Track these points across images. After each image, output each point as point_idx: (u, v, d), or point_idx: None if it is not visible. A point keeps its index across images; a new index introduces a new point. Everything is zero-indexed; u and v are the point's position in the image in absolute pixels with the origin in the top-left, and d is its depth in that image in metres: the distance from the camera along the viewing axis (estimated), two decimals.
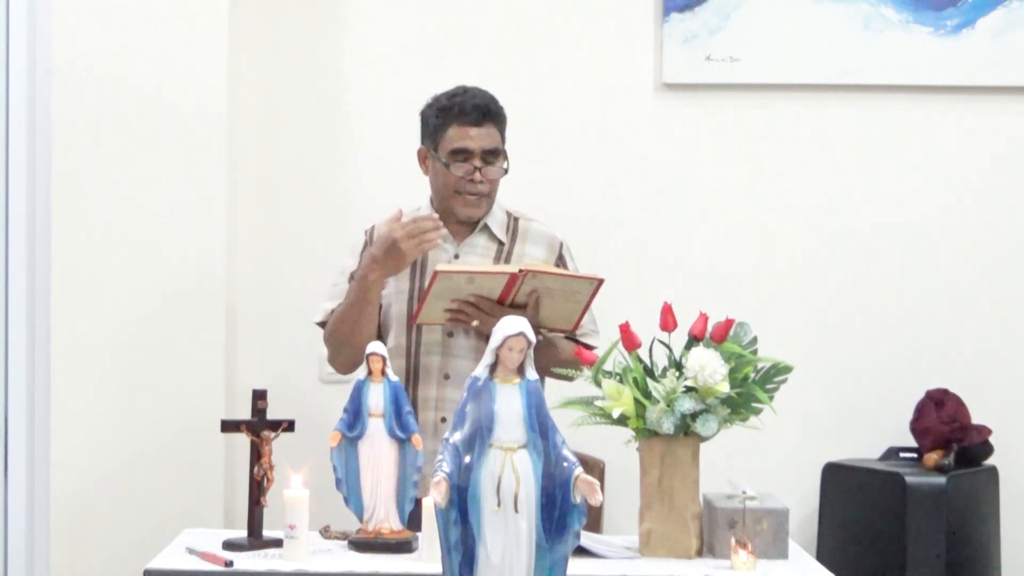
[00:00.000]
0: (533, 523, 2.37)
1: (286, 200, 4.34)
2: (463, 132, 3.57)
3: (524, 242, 3.66)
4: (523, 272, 3.40)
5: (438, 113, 3.60)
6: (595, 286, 3.45)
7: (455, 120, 3.57)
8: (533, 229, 3.69)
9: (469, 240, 3.65)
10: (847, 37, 4.32)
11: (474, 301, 3.43)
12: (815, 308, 4.37)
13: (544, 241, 3.68)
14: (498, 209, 3.68)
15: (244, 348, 4.29)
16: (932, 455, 4.12)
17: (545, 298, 3.45)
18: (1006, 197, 4.39)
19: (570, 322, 3.51)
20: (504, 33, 4.37)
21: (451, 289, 3.41)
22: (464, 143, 3.56)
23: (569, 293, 3.45)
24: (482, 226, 3.64)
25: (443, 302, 3.44)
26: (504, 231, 3.66)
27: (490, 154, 3.58)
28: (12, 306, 4.15)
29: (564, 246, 3.70)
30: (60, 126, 4.09)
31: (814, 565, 3.08)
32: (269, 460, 3.12)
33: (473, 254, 3.63)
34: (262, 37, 4.32)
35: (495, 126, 3.60)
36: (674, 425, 3.01)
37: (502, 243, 3.65)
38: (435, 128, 3.60)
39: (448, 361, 3.57)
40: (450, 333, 3.57)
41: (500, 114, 3.63)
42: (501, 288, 3.42)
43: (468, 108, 3.57)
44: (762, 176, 4.39)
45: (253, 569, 2.92)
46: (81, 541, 4.07)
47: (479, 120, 3.57)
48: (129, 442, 4.09)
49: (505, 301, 3.44)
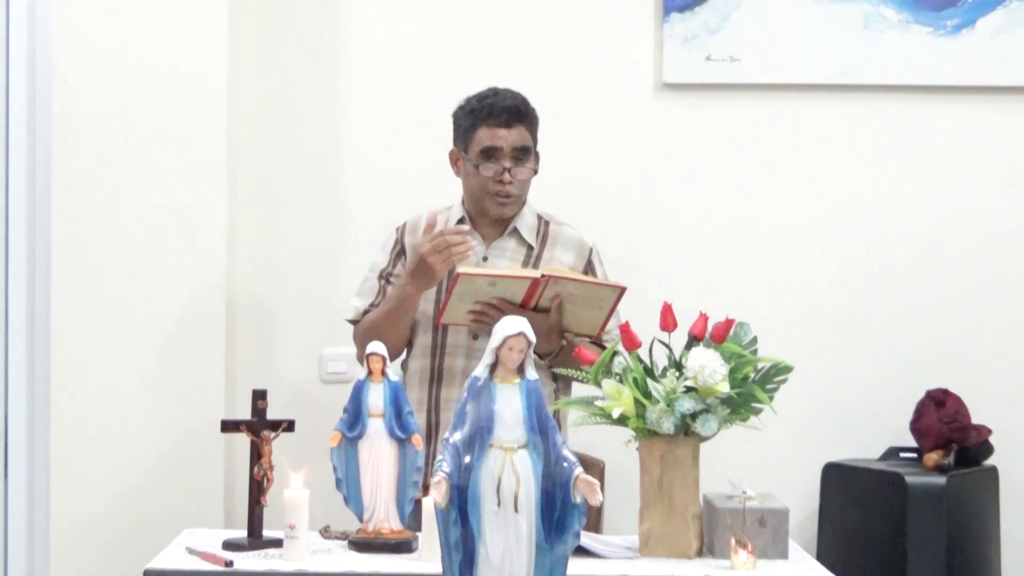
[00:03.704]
0: (533, 523, 2.37)
1: (286, 200, 4.34)
2: (492, 133, 3.57)
3: (554, 247, 3.66)
4: (545, 277, 3.41)
5: (468, 115, 3.62)
6: (618, 293, 3.46)
7: (485, 121, 3.58)
8: (564, 234, 3.69)
9: (498, 243, 3.65)
10: (847, 37, 4.32)
11: (497, 304, 3.43)
12: (815, 308, 4.37)
13: (574, 246, 3.68)
14: (528, 212, 3.68)
15: (244, 348, 4.29)
16: (932, 455, 4.12)
17: (568, 303, 3.45)
18: (1006, 197, 4.39)
19: (595, 328, 3.51)
20: (504, 33, 4.37)
21: (473, 291, 3.42)
22: (493, 143, 3.57)
23: (592, 299, 3.45)
24: (511, 229, 3.64)
25: (466, 304, 3.44)
26: (534, 235, 3.66)
27: (520, 153, 3.58)
28: (12, 307, 4.15)
29: (594, 251, 3.70)
30: (60, 127, 4.09)
31: (814, 565, 3.08)
32: (269, 460, 3.12)
33: (503, 257, 3.63)
34: (262, 37, 4.32)
35: (525, 127, 3.61)
36: (674, 425, 3.01)
37: (531, 247, 3.65)
38: (465, 130, 3.61)
39: (472, 363, 3.55)
40: (475, 336, 3.57)
41: (531, 115, 3.63)
42: (523, 292, 3.43)
43: (498, 110, 3.58)
44: (762, 176, 4.39)
45: (253, 569, 2.92)
46: (81, 541, 4.07)
47: (509, 121, 3.58)
48: (129, 442, 4.08)
49: (528, 305, 3.44)
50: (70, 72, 4.08)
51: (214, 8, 4.12)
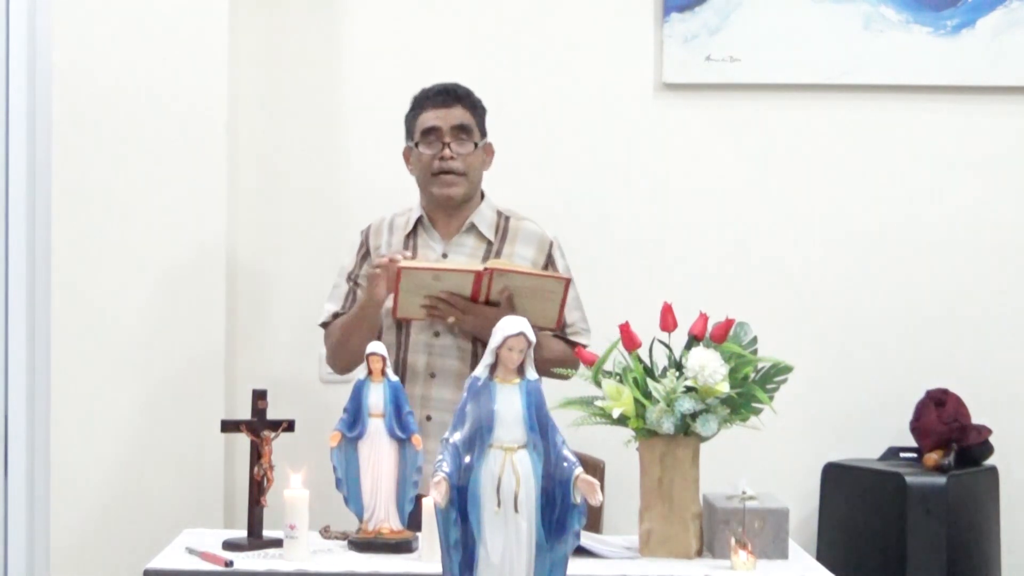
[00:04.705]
0: (533, 523, 2.37)
1: (286, 200, 4.34)
2: (431, 114, 3.66)
3: (514, 242, 3.67)
4: (488, 270, 3.42)
5: (411, 106, 3.72)
6: (564, 285, 3.47)
7: (423, 106, 3.68)
8: (524, 228, 3.70)
9: (457, 239, 3.67)
10: (847, 37, 4.32)
11: (446, 298, 3.46)
12: (815, 308, 4.37)
13: (534, 241, 3.69)
14: (487, 208, 3.70)
15: (244, 348, 4.29)
16: (932, 455, 4.11)
17: (519, 297, 3.47)
18: (1006, 197, 4.39)
19: (550, 320, 3.52)
20: (504, 33, 4.37)
21: (420, 285, 3.45)
22: (432, 123, 3.65)
23: (541, 291, 3.46)
24: (469, 225, 3.67)
25: (417, 297, 3.48)
26: (493, 231, 3.67)
27: (460, 132, 3.64)
28: (12, 308, 4.15)
29: (555, 245, 3.71)
30: (60, 126, 4.09)
31: (814, 565, 3.08)
32: (269, 460, 3.12)
33: (461, 254, 3.65)
34: (262, 35, 4.32)
35: (464, 107, 3.68)
36: (674, 425, 3.01)
37: (491, 243, 3.66)
38: (409, 121, 3.71)
39: (434, 360, 3.60)
40: (436, 333, 3.59)
41: (469, 97, 3.70)
42: (469, 285, 3.45)
43: (434, 92, 3.68)
44: (762, 176, 4.39)
45: (253, 569, 2.92)
46: (81, 541, 4.07)
47: (446, 102, 3.66)
48: (129, 442, 4.09)
49: (477, 298, 3.46)
50: (70, 72, 4.08)
51: (214, 6, 4.11)
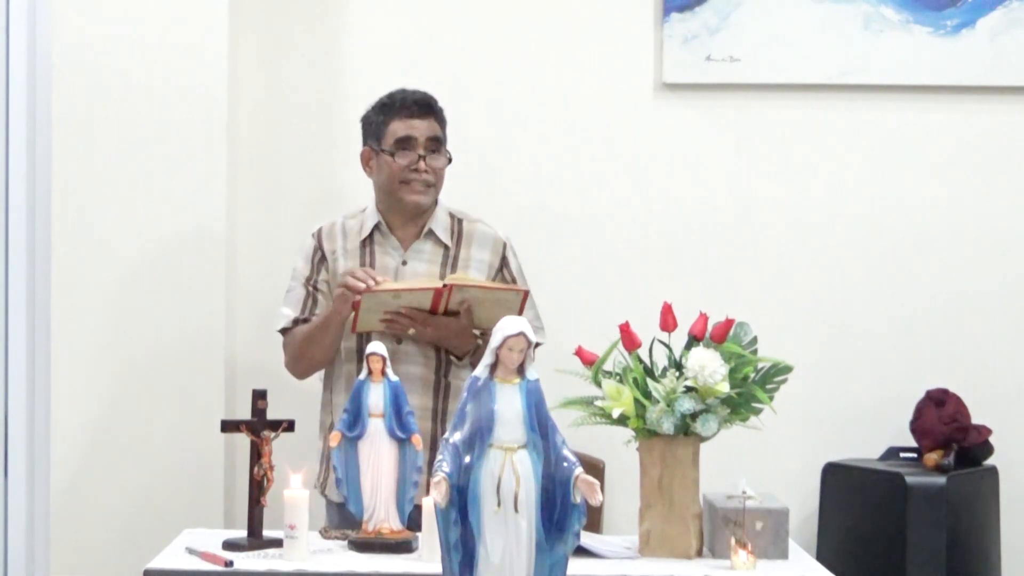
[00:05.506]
0: (533, 523, 2.37)
1: (286, 199, 4.34)
2: (406, 124, 3.65)
3: (470, 246, 3.69)
4: (447, 287, 3.44)
5: (379, 111, 3.70)
6: (522, 297, 3.48)
7: (397, 114, 3.66)
8: (478, 231, 3.71)
9: (415, 246, 3.68)
10: (847, 37, 4.32)
11: (406, 313, 3.48)
12: (815, 308, 4.37)
13: (489, 243, 3.71)
14: (441, 211, 3.71)
15: (244, 348, 4.29)
16: (932, 455, 4.11)
17: (478, 306, 3.49)
18: (1006, 197, 4.38)
19: None
20: (503, 33, 4.36)
21: (380, 304, 3.47)
22: (408, 133, 3.64)
23: (500, 301, 3.47)
24: (427, 231, 3.68)
25: (376, 314, 3.49)
26: (449, 235, 3.69)
27: (433, 144, 3.65)
28: (12, 308, 4.15)
29: (507, 246, 3.73)
30: (60, 125, 4.09)
31: (814, 565, 3.08)
32: (269, 460, 3.12)
33: (420, 260, 3.66)
34: (262, 34, 4.32)
35: (435, 120, 3.68)
36: (674, 425, 3.01)
37: (448, 247, 3.67)
38: (377, 125, 3.68)
39: (397, 367, 3.58)
40: (399, 340, 3.58)
41: (440, 111, 3.71)
42: (429, 301, 3.47)
43: (409, 102, 3.67)
44: (762, 176, 4.38)
45: (253, 569, 2.92)
46: (81, 541, 4.07)
47: (421, 113, 3.66)
48: (129, 442, 4.08)
49: (437, 311, 3.49)
50: (70, 68, 4.08)
51: (214, 5, 4.12)
